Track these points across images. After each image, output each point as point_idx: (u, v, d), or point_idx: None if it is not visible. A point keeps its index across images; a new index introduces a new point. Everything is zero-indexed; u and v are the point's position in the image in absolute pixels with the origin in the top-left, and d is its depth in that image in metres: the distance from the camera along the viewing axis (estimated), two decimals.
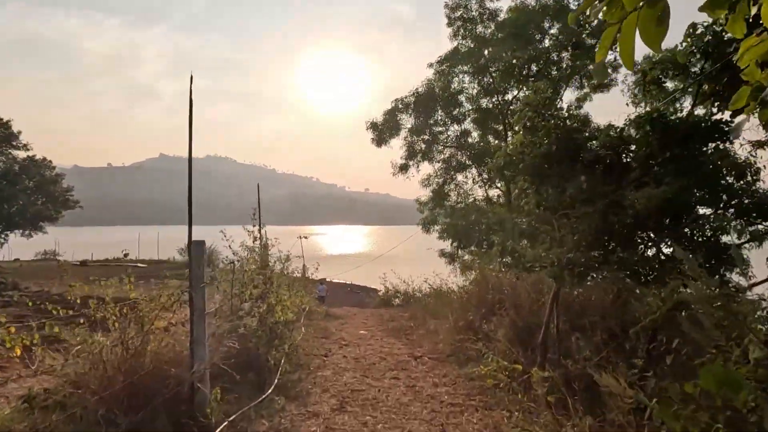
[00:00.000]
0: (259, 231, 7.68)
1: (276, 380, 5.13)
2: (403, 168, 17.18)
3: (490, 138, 15.73)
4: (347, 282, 40.49)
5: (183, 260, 33.81)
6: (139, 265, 30.94)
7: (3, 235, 32.32)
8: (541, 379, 4.30)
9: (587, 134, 4.37)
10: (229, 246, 6.54)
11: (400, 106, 16.61)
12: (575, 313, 5.37)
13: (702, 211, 4.60)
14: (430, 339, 8.80)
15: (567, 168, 4.29)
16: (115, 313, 3.57)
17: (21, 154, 33.78)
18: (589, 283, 5.23)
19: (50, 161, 35.69)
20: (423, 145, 16.54)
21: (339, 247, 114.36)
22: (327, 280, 39.28)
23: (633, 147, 4.19)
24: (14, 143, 32.73)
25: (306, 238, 13.42)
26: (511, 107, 14.71)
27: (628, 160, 4.29)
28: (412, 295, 18.36)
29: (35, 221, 33.19)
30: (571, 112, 4.41)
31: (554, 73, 14.38)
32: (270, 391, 4.78)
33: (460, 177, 16.37)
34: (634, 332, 4.16)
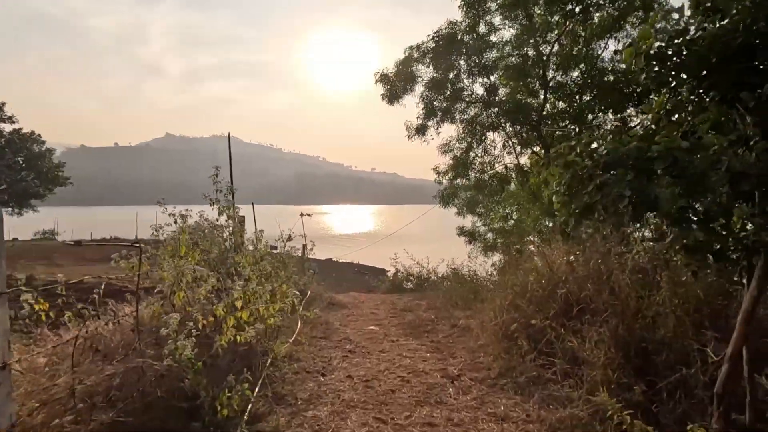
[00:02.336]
0: (232, 201, 5.57)
1: None
2: (420, 130, 14.29)
3: (519, 96, 12.94)
4: (354, 262, 38.48)
5: None
6: (135, 245, 29.27)
7: None
8: None
9: None
10: (174, 221, 4.41)
11: (416, 54, 13.70)
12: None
13: None
14: (464, 343, 6.66)
15: None
16: None
17: (6, 128, 31.70)
18: None
19: (39, 135, 33.61)
20: (444, 102, 13.73)
21: (346, 227, 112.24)
22: (333, 260, 37.68)
23: None
24: None
25: (309, 215, 11.30)
26: (551, 54, 12.07)
27: None
28: (427, 278, 16.28)
29: (22, 198, 31.28)
30: None
31: (608, 9, 11.55)
32: None
33: (489, 137, 13.77)
34: None
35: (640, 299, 3.88)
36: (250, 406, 3.54)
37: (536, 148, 12.56)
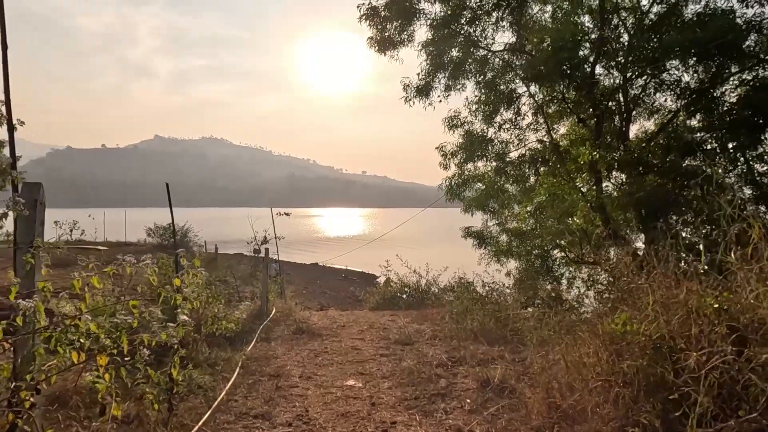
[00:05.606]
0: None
1: None
2: (422, 91, 10.22)
3: (569, 35, 8.42)
4: (342, 267, 35.06)
5: (152, 242, 29.23)
6: (99, 247, 26.33)
7: None
8: None
9: None
10: None
11: None
12: None
13: None
14: None
15: None
16: None
17: None
18: None
19: None
20: (456, 52, 9.71)
21: (337, 230, 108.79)
22: (319, 264, 34.75)
23: None
24: None
25: (288, 214, 8.02)
26: None
27: None
28: (427, 290, 13.08)
29: None
30: None
31: None
32: None
33: (519, 101, 9.78)
34: None
35: None
36: None
37: (584, 114, 9.08)
